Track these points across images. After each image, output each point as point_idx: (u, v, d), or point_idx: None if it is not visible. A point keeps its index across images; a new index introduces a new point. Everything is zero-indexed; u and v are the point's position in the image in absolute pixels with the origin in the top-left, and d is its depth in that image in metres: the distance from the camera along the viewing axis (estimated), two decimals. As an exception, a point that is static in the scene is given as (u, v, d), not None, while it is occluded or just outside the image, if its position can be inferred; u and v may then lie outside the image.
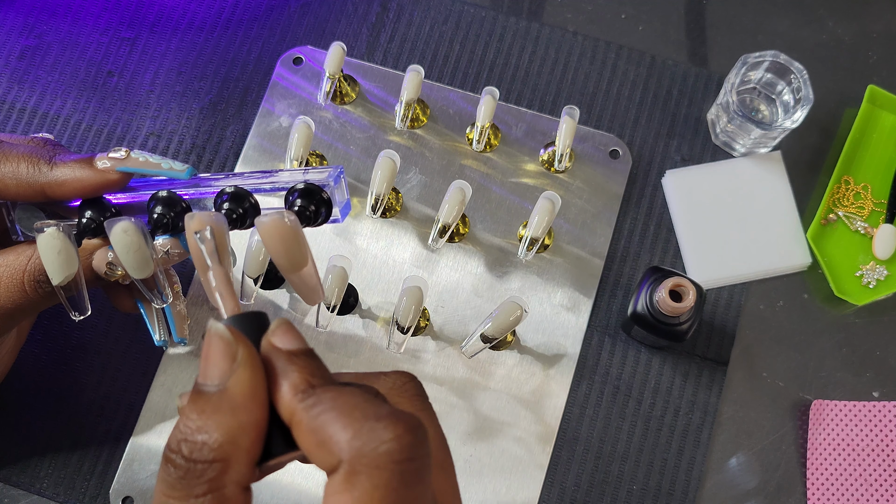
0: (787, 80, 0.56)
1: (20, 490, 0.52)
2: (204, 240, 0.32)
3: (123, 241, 0.38)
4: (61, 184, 0.41)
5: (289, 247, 0.36)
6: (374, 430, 0.27)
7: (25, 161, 0.41)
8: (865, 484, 0.53)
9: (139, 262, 0.39)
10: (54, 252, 0.39)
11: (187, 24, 0.61)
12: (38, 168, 0.41)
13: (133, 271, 0.39)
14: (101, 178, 0.41)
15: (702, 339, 0.55)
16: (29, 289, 0.41)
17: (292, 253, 0.36)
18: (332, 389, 0.29)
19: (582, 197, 0.57)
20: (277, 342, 0.30)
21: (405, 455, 0.27)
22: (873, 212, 0.58)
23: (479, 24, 0.61)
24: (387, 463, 0.27)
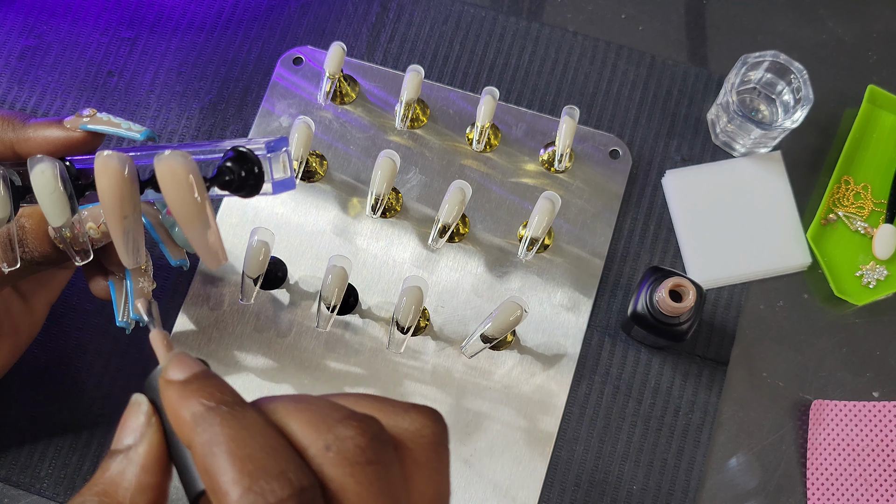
0: (787, 80, 0.56)
1: (20, 490, 0.52)
2: None
3: (40, 181, 0.37)
4: (28, 139, 0.42)
5: (182, 192, 0.34)
6: (269, 480, 0.25)
7: (1, 119, 0.42)
8: (865, 484, 0.53)
9: (54, 205, 0.38)
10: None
11: (187, 24, 0.61)
12: (12, 126, 0.42)
13: (49, 216, 0.38)
14: (67, 136, 0.42)
15: (702, 339, 0.55)
16: None
17: (185, 200, 0.34)
18: (232, 416, 0.27)
19: (582, 197, 0.57)
20: (171, 376, 0.29)
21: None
22: (873, 212, 0.58)
23: (479, 24, 0.61)
24: None
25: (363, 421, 0.27)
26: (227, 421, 0.26)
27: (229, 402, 0.27)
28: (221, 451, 0.25)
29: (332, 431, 0.27)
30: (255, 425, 0.26)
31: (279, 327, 0.54)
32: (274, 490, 0.25)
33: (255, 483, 0.25)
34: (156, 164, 0.34)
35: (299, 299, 0.55)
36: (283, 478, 0.25)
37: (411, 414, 0.29)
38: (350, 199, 0.57)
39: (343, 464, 0.26)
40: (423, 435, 0.29)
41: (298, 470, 0.25)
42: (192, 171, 0.34)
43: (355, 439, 0.26)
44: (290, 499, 0.25)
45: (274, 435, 0.26)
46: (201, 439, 0.26)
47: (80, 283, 0.55)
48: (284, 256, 0.56)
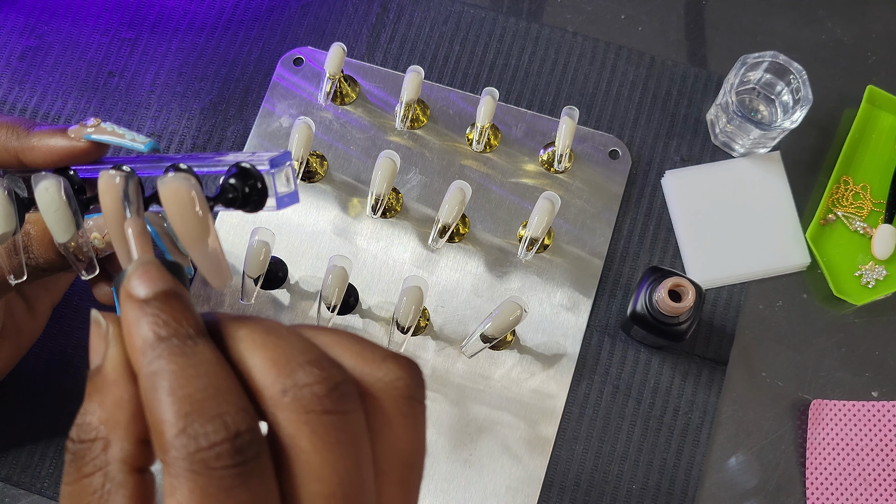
0: (787, 81, 0.56)
1: (21, 489, 0.52)
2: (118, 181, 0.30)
3: (44, 198, 0.37)
4: (32, 148, 0.42)
5: (185, 215, 0.33)
6: (203, 423, 0.24)
7: (6, 128, 0.42)
8: (864, 483, 0.53)
9: (59, 222, 0.38)
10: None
11: (188, 25, 0.61)
12: (17, 134, 0.42)
13: (54, 232, 0.38)
14: (70, 146, 0.42)
15: (701, 338, 0.55)
16: None
17: (189, 223, 0.33)
18: (181, 350, 0.25)
19: (581, 197, 0.57)
20: (133, 288, 0.27)
21: (228, 461, 0.24)
22: (872, 212, 0.58)
23: (478, 24, 0.61)
24: (201, 468, 0.24)
25: (327, 368, 0.26)
26: (174, 356, 0.25)
27: (183, 333, 0.26)
28: (163, 388, 0.25)
29: (292, 375, 0.25)
30: (204, 363, 0.25)
31: (279, 327, 0.54)
32: (207, 433, 0.24)
33: (189, 425, 0.24)
34: (159, 185, 0.34)
35: (300, 299, 0.55)
36: (219, 420, 0.24)
37: (387, 363, 0.28)
38: (350, 199, 0.57)
39: (298, 410, 0.25)
40: (397, 387, 0.28)
41: (238, 413, 0.24)
42: (196, 192, 0.34)
43: (314, 387, 0.25)
44: (223, 442, 0.24)
45: (222, 375, 0.25)
46: (145, 371, 0.25)
47: (81, 283, 0.55)
48: (285, 256, 0.56)
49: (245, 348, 0.26)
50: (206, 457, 0.24)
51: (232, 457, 0.24)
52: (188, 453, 0.24)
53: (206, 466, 0.24)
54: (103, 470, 0.26)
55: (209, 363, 0.25)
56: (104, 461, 0.26)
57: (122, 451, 0.26)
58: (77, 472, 0.26)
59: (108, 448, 0.26)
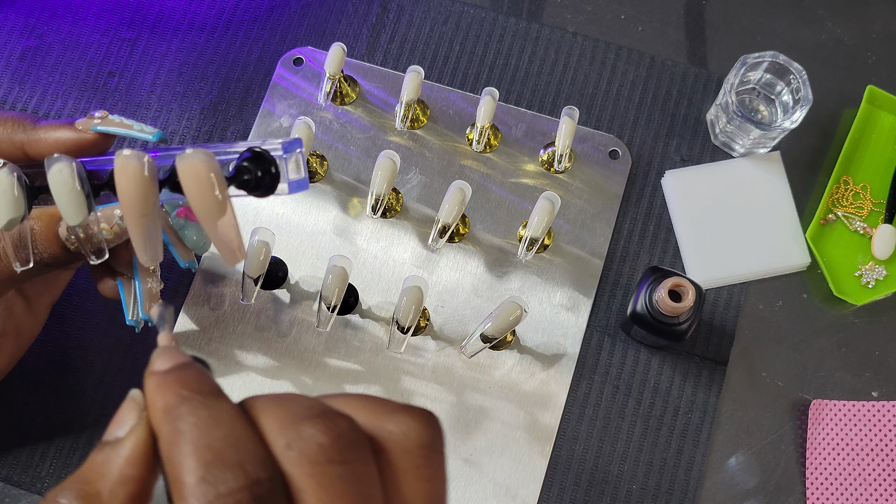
0: (787, 81, 0.56)
1: (21, 490, 0.52)
2: None
3: (57, 180, 0.37)
4: (39, 141, 0.42)
5: (203, 189, 0.34)
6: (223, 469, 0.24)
7: (12, 122, 0.42)
8: (864, 483, 0.53)
9: (71, 204, 0.38)
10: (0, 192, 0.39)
11: (188, 25, 0.61)
12: (23, 127, 0.42)
13: (66, 215, 0.38)
14: (78, 137, 0.41)
15: (701, 338, 0.55)
16: (3, 257, 0.42)
17: (207, 197, 0.34)
18: (203, 405, 0.26)
19: (581, 197, 0.57)
20: (155, 367, 0.28)
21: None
22: (872, 212, 0.58)
23: (478, 24, 0.61)
24: None
25: (331, 419, 0.26)
26: (195, 410, 0.26)
27: (204, 391, 0.27)
28: (184, 440, 0.25)
29: (296, 429, 0.26)
30: (224, 416, 0.26)
31: (280, 327, 0.55)
32: (227, 480, 0.24)
33: (209, 472, 0.24)
34: (178, 162, 0.35)
35: (300, 299, 0.55)
36: (239, 469, 0.24)
37: (399, 416, 0.28)
38: (350, 199, 0.57)
39: (303, 463, 0.25)
40: (409, 438, 0.28)
41: (257, 462, 0.25)
42: (214, 168, 0.35)
43: (317, 437, 0.26)
44: (241, 490, 0.24)
45: (241, 427, 0.26)
46: (168, 428, 0.26)
47: (81, 283, 0.55)
48: (285, 256, 0.56)
49: (256, 411, 0.27)
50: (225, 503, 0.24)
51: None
52: (208, 501, 0.24)
53: None
54: None
55: (228, 416, 0.26)
56: None
57: None
58: None
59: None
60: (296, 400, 0.27)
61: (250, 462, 0.25)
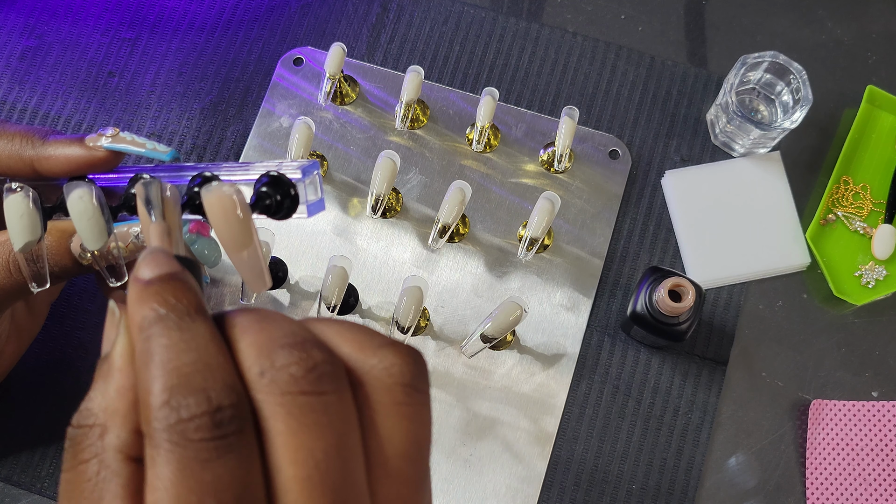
0: (787, 81, 0.56)
1: (21, 490, 0.52)
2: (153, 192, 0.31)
3: (78, 207, 0.38)
4: (49, 158, 0.41)
5: (231, 222, 0.33)
6: (186, 395, 0.24)
7: (20, 137, 0.42)
8: (864, 483, 0.53)
9: (92, 230, 0.38)
10: (18, 215, 0.39)
11: (188, 25, 0.61)
12: (31, 143, 0.41)
13: (86, 240, 0.38)
14: (89, 155, 0.41)
15: (701, 338, 0.55)
16: (14, 271, 0.41)
17: (234, 230, 0.34)
18: (177, 326, 0.25)
19: (581, 197, 0.57)
20: (139, 272, 0.27)
21: (206, 434, 0.24)
22: (872, 212, 0.58)
23: (478, 24, 0.61)
24: (180, 439, 0.23)
25: (308, 349, 0.25)
26: (168, 330, 0.25)
27: (181, 310, 0.26)
28: (153, 362, 0.25)
29: (270, 357, 0.25)
30: (197, 339, 0.25)
31: (279, 327, 0.55)
32: (189, 405, 0.24)
33: (172, 396, 0.24)
34: (203, 195, 0.34)
35: (300, 299, 0.55)
36: (203, 394, 0.24)
37: (383, 351, 0.27)
38: (350, 199, 0.57)
39: (274, 392, 0.25)
40: (391, 374, 0.27)
41: (223, 389, 0.24)
42: (241, 202, 0.34)
43: (291, 368, 0.25)
44: (203, 415, 0.24)
45: (213, 352, 0.25)
46: (140, 347, 0.25)
47: (81, 282, 0.55)
48: (285, 256, 0.56)
49: (236, 332, 0.26)
50: (185, 428, 0.24)
51: (211, 430, 0.24)
52: (168, 424, 0.24)
53: (185, 438, 0.24)
54: (99, 457, 0.26)
55: (202, 339, 0.25)
56: (100, 448, 0.26)
57: (117, 439, 0.26)
58: (74, 458, 0.27)
59: (104, 435, 0.26)
60: (278, 323, 0.26)
61: (216, 389, 0.24)
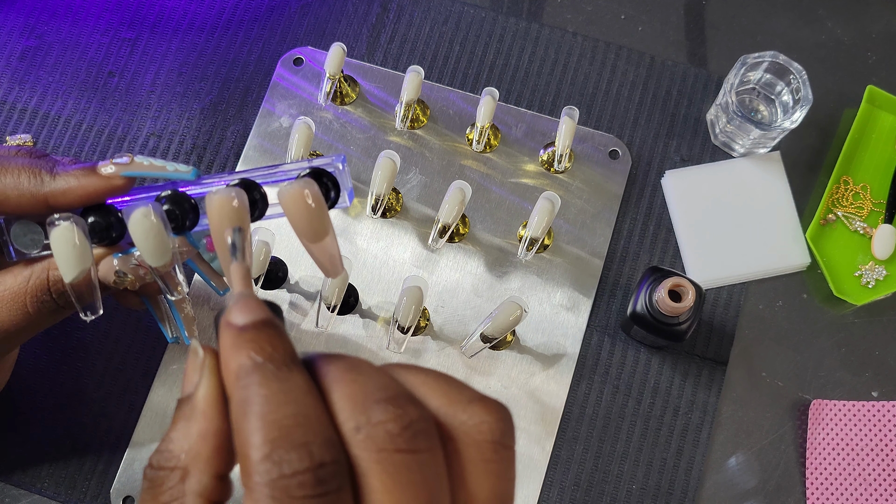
0: (787, 81, 0.56)
1: (21, 490, 0.52)
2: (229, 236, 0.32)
3: (144, 225, 0.38)
4: (65, 192, 0.40)
5: (311, 215, 0.36)
6: (289, 450, 0.24)
7: (27, 172, 0.40)
8: (864, 483, 0.53)
9: (158, 247, 0.38)
10: (69, 246, 0.38)
11: (188, 25, 0.61)
12: (41, 178, 0.40)
13: (151, 258, 0.39)
14: (106, 184, 0.40)
15: (701, 338, 0.55)
16: (31, 308, 0.41)
17: (315, 222, 0.36)
18: (275, 376, 0.25)
19: (581, 197, 0.57)
20: (232, 318, 0.27)
21: (309, 491, 0.24)
22: (872, 212, 0.58)
23: (478, 24, 0.61)
24: (283, 496, 0.24)
25: (404, 406, 0.26)
26: (267, 381, 0.25)
27: (278, 360, 0.26)
28: (253, 413, 0.25)
29: (367, 412, 0.25)
30: (295, 390, 0.25)
31: (279, 327, 0.54)
32: (291, 461, 0.24)
33: (275, 451, 0.24)
34: (280, 195, 0.37)
35: (300, 299, 0.55)
36: (304, 450, 0.24)
37: (473, 406, 0.27)
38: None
39: (370, 448, 0.25)
40: (481, 431, 0.27)
41: (323, 444, 0.24)
42: (315, 195, 0.37)
43: (387, 425, 0.25)
44: (305, 472, 0.24)
45: (312, 404, 0.25)
46: (238, 396, 0.25)
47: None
48: (285, 256, 0.56)
49: (329, 383, 0.26)
50: (288, 484, 0.24)
51: (313, 487, 0.24)
52: (271, 479, 0.24)
53: (288, 494, 0.24)
54: (179, 500, 0.26)
55: (300, 391, 0.25)
56: (180, 492, 0.26)
57: (199, 484, 0.26)
58: (153, 499, 0.27)
59: (185, 478, 0.26)
60: (370, 376, 0.27)
61: (317, 443, 0.24)
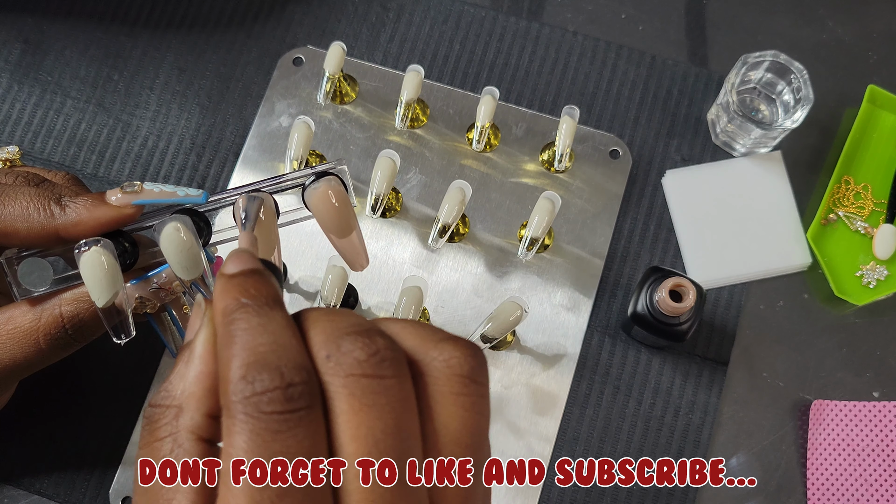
0: (788, 80, 0.56)
1: (20, 490, 0.52)
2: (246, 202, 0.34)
3: (176, 239, 0.38)
4: (76, 224, 0.40)
5: (341, 212, 0.38)
6: (261, 371, 0.26)
7: (34, 204, 0.40)
8: (865, 484, 0.53)
9: (191, 260, 0.38)
10: (101, 270, 0.38)
11: (188, 25, 0.61)
12: (50, 210, 0.40)
13: (183, 271, 0.39)
14: (117, 214, 0.40)
15: (702, 339, 0.55)
16: (45, 344, 0.41)
17: (343, 218, 0.38)
18: (256, 312, 0.28)
19: (582, 197, 0.57)
20: (225, 269, 0.30)
21: (278, 407, 0.26)
22: (873, 212, 0.58)
23: (479, 24, 0.61)
24: (254, 411, 0.26)
25: (371, 336, 0.28)
26: (248, 316, 0.28)
27: (261, 300, 0.28)
28: (234, 342, 0.27)
29: (337, 342, 0.28)
30: (273, 324, 0.28)
31: (279, 327, 0.54)
32: (263, 380, 0.26)
33: (249, 372, 0.26)
34: (308, 195, 0.40)
35: (299, 299, 0.55)
36: (276, 371, 0.26)
37: (443, 344, 0.29)
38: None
39: (339, 374, 0.27)
40: (451, 366, 0.29)
41: (295, 368, 0.26)
42: (338, 192, 0.39)
43: (355, 352, 0.27)
44: (275, 389, 0.26)
45: (287, 336, 0.27)
46: (222, 330, 0.28)
47: (80, 282, 0.55)
48: (285, 256, 0.56)
49: (308, 324, 0.29)
50: (259, 401, 0.26)
51: (282, 403, 0.26)
52: (244, 397, 0.26)
53: (258, 410, 0.26)
54: (173, 436, 0.28)
55: (278, 325, 0.28)
56: (174, 428, 0.28)
57: (191, 420, 0.28)
58: (150, 435, 0.29)
59: (179, 416, 0.28)
60: (345, 316, 0.29)
61: (288, 367, 0.26)
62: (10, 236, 0.40)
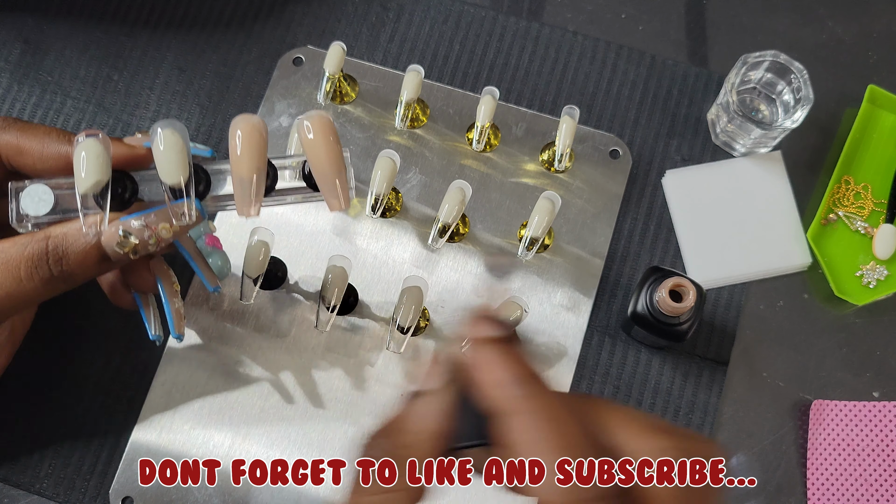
0: (788, 80, 0.56)
1: (20, 490, 0.52)
2: None
3: (170, 140, 0.39)
4: None
5: (328, 140, 0.39)
6: None
7: (55, 133, 0.42)
8: (865, 484, 0.53)
9: (180, 161, 0.39)
10: (93, 155, 0.39)
11: (188, 25, 0.61)
12: (68, 139, 0.42)
13: (170, 174, 0.39)
14: (130, 153, 0.42)
15: (702, 339, 0.55)
16: (24, 275, 0.41)
17: (333, 151, 0.39)
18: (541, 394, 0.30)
19: (582, 197, 0.57)
20: (483, 333, 0.32)
21: None
22: (873, 212, 0.58)
23: (479, 24, 0.61)
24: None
25: None
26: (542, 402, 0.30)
27: (533, 378, 0.31)
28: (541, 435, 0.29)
29: None
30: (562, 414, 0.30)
31: (279, 327, 0.54)
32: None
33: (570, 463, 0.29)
34: (306, 119, 0.40)
35: (299, 299, 0.55)
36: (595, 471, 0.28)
37: None
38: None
39: None
40: None
41: None
42: (329, 121, 0.40)
43: None
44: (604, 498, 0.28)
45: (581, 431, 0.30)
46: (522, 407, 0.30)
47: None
48: (284, 256, 0.56)
49: None
50: None
51: None
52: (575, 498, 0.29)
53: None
54: None
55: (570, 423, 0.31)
56: None
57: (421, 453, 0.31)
58: None
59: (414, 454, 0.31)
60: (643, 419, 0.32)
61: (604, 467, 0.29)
62: (24, 155, 0.42)
